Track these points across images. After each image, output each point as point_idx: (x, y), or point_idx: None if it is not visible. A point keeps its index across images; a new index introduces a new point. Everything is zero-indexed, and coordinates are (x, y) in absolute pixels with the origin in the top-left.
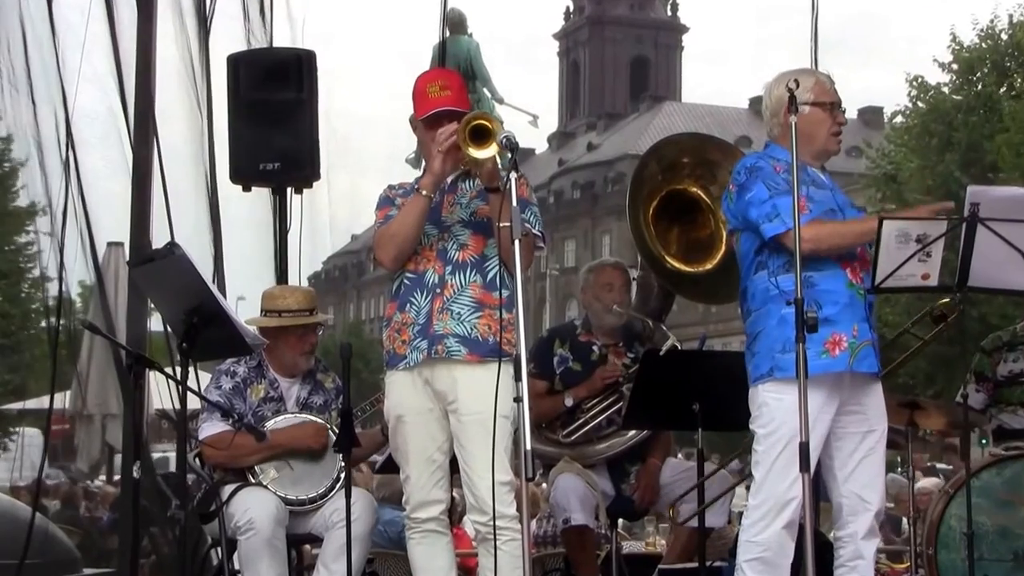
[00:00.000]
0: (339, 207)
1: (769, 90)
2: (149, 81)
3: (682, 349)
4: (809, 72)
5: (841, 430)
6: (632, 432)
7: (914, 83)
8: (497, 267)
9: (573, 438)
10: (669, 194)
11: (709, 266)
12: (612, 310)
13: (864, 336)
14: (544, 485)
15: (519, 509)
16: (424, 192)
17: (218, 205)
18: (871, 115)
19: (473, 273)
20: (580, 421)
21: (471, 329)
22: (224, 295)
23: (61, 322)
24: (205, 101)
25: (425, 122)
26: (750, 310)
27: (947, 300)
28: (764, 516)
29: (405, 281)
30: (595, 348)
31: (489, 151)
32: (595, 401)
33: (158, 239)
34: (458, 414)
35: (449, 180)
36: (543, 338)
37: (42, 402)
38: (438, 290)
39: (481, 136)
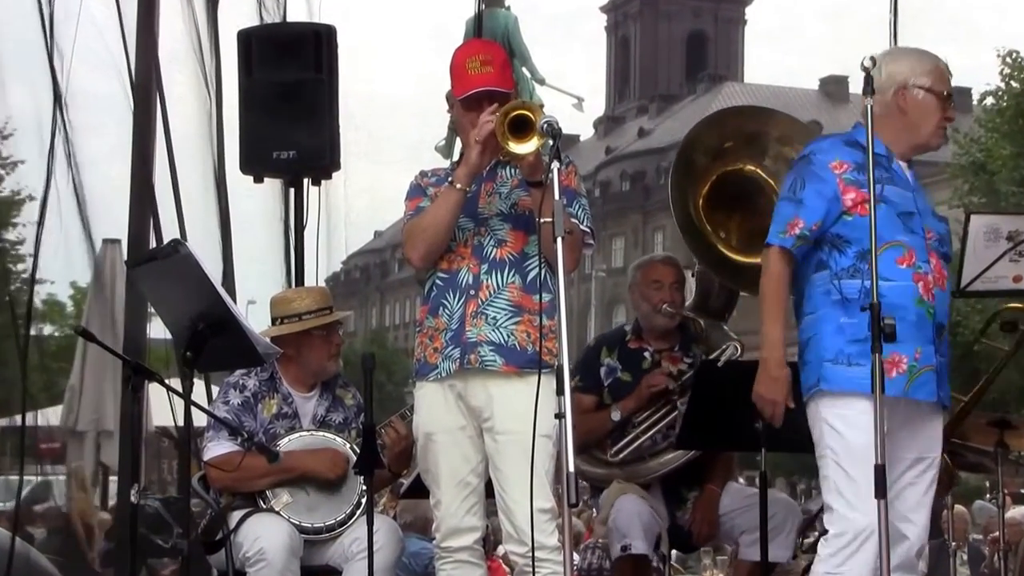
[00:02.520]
0: (360, 201)
1: (881, 64)
2: (151, 59)
3: (743, 359)
4: (929, 55)
5: (888, 454)
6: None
7: (1007, 59)
8: (539, 267)
9: (622, 456)
10: (721, 178)
11: None
12: (662, 311)
13: (927, 360)
14: (595, 512)
15: (561, 539)
16: (459, 185)
17: (227, 198)
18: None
19: (512, 273)
20: (630, 437)
21: (508, 336)
22: (234, 299)
23: (46, 328)
24: (214, 82)
25: (463, 102)
26: (804, 313)
27: (1017, 304)
28: (847, 546)
29: (437, 282)
30: (647, 355)
31: (531, 145)
32: (646, 414)
33: (164, 234)
34: (493, 433)
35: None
36: (589, 347)
37: (29, 418)
38: (472, 292)
39: (522, 128)
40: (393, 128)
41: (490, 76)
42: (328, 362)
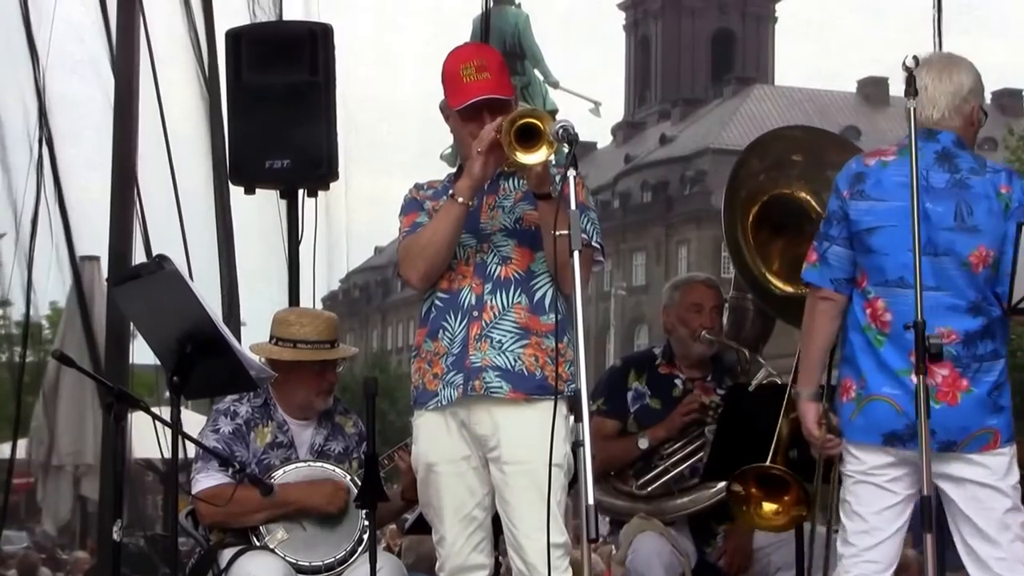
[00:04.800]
0: (360, 213)
1: (950, 73)
2: (132, 62)
3: (775, 384)
4: None
5: None
6: (721, 484)
7: None
8: (547, 286)
9: (649, 490)
10: (772, 199)
11: None
12: (700, 337)
13: None
14: (614, 548)
15: None
16: (460, 199)
17: (230, 209)
18: (1007, 99)
19: (518, 293)
20: (658, 469)
21: (514, 360)
22: (238, 322)
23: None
24: (206, 86)
25: (461, 113)
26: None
27: None
28: None
29: (436, 303)
30: (678, 382)
31: (539, 155)
32: (677, 445)
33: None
34: (500, 463)
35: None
36: (616, 368)
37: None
38: (475, 313)
39: (530, 138)
40: (395, 133)
41: (487, 83)
42: (315, 398)
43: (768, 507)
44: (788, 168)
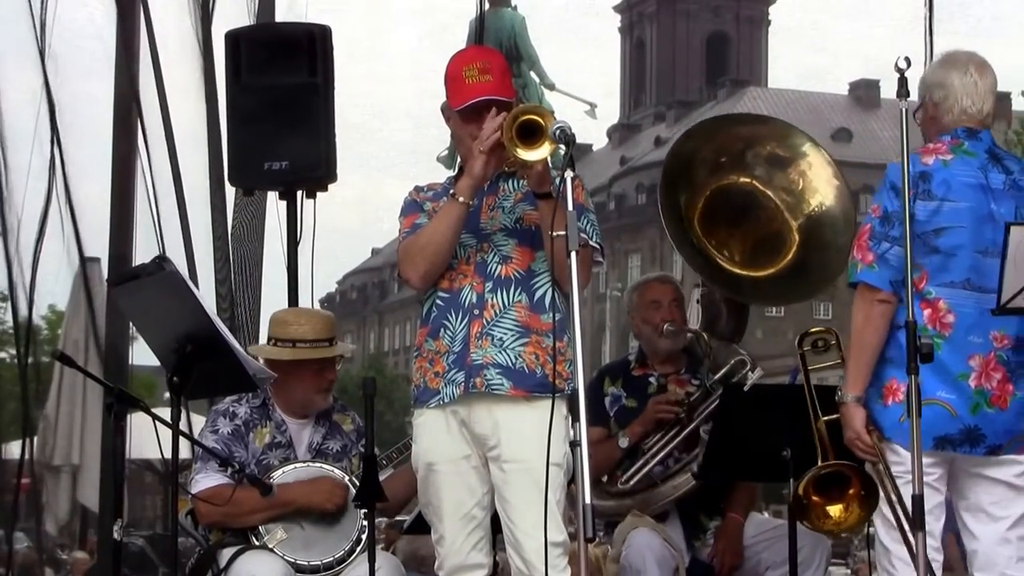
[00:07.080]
0: (355, 214)
1: (989, 72)
2: (132, 64)
3: (770, 384)
4: None
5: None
6: None
7: None
8: (547, 285)
9: (632, 483)
10: (713, 194)
11: (781, 264)
12: (664, 331)
13: None
14: (608, 547)
15: (575, 572)
16: (461, 198)
17: (224, 211)
18: (998, 101)
19: (518, 292)
20: (640, 463)
21: (515, 358)
22: (235, 325)
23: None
24: (206, 88)
25: (462, 114)
26: None
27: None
28: None
29: (437, 302)
30: (652, 380)
31: (541, 152)
32: (655, 439)
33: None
34: (500, 462)
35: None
36: (591, 379)
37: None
38: (476, 312)
39: (531, 134)
40: (390, 134)
41: (490, 85)
42: (315, 396)
43: (834, 509)
44: (711, 164)
